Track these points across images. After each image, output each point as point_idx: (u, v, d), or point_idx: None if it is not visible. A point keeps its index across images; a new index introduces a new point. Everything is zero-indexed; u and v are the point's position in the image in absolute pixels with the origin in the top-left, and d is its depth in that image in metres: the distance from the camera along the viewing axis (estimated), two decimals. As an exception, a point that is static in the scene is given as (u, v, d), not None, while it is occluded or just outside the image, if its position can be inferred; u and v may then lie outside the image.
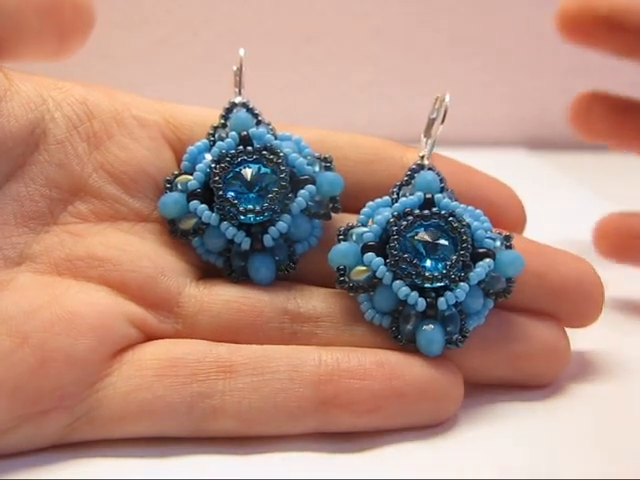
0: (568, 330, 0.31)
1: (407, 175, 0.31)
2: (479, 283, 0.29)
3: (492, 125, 0.65)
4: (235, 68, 0.33)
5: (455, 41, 0.60)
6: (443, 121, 0.32)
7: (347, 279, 0.29)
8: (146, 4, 0.57)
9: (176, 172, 0.31)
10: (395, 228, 0.29)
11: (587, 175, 0.62)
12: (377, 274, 0.29)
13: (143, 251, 0.30)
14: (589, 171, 0.64)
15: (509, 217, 0.33)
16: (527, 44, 0.62)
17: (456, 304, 0.29)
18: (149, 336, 0.29)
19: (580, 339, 0.33)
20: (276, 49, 0.58)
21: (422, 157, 0.32)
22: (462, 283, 0.28)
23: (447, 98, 0.32)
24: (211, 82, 0.41)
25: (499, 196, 0.33)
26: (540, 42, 0.62)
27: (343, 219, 0.31)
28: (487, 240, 0.29)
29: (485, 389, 0.30)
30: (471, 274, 0.29)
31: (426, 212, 0.29)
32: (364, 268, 0.29)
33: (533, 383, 0.30)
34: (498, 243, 0.30)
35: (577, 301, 0.31)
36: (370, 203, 0.30)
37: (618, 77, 0.62)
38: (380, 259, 0.29)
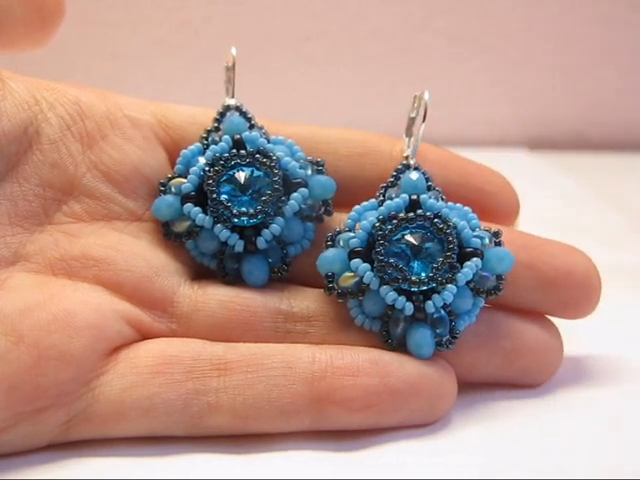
0: (564, 329, 0.31)
1: (392, 176, 0.31)
2: (468, 283, 0.29)
3: (492, 125, 0.65)
4: (227, 64, 0.33)
5: (455, 41, 0.60)
6: (424, 119, 0.32)
7: (336, 286, 0.29)
8: (146, 3, 0.57)
9: (170, 175, 0.31)
10: (380, 233, 0.29)
11: (587, 175, 0.62)
12: (364, 280, 0.29)
13: (137, 251, 0.30)
14: (589, 171, 0.64)
15: (502, 204, 0.32)
16: (527, 44, 0.62)
17: (445, 305, 0.29)
18: (144, 335, 0.29)
19: (574, 340, 0.33)
20: (275, 48, 0.59)
21: (406, 157, 0.32)
22: (449, 285, 0.29)
23: (426, 95, 0.32)
24: (210, 81, 0.41)
25: (490, 183, 0.33)
26: (540, 42, 0.62)
27: (335, 219, 0.32)
28: (474, 239, 0.29)
29: (479, 389, 0.30)
30: (458, 275, 0.29)
31: (411, 215, 0.29)
32: (352, 274, 0.29)
33: (526, 381, 0.31)
34: (487, 240, 0.30)
35: (568, 292, 0.30)
36: (357, 207, 0.31)
37: (618, 77, 0.62)
38: (367, 265, 0.29)
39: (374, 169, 0.32)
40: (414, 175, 0.31)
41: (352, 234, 0.30)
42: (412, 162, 0.31)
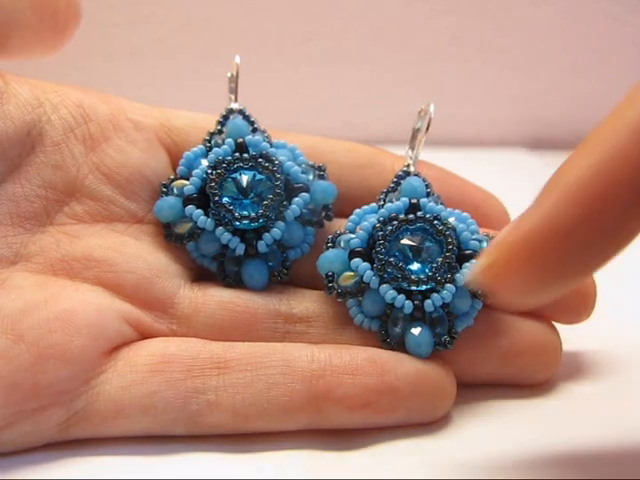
0: (562, 327, 0.31)
1: (393, 182, 0.32)
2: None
3: (492, 125, 0.64)
4: (230, 75, 0.34)
5: (455, 41, 0.60)
6: (427, 129, 0.32)
7: (335, 285, 0.30)
8: (146, 3, 0.57)
9: (172, 177, 0.31)
10: (381, 233, 0.29)
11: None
12: (364, 279, 0.29)
13: (138, 252, 0.30)
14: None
15: (494, 222, 0.33)
16: (527, 44, 0.62)
17: (444, 306, 0.29)
18: (144, 335, 0.29)
19: (574, 338, 0.33)
20: (276, 49, 0.58)
21: (408, 166, 0.32)
22: (448, 285, 0.29)
23: (431, 108, 0.32)
24: (211, 81, 0.41)
25: (485, 201, 0.33)
26: (540, 42, 0.62)
27: (335, 224, 0.32)
28: (473, 242, 0.30)
29: (478, 389, 0.30)
30: (457, 275, 0.29)
31: (411, 216, 0.30)
32: (352, 274, 0.30)
33: (524, 381, 0.31)
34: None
35: (565, 296, 0.30)
36: (357, 210, 0.31)
37: (618, 77, 0.62)
38: (367, 264, 0.29)
39: (375, 180, 0.32)
40: (414, 180, 0.31)
41: (352, 235, 0.30)
42: (412, 169, 0.32)
